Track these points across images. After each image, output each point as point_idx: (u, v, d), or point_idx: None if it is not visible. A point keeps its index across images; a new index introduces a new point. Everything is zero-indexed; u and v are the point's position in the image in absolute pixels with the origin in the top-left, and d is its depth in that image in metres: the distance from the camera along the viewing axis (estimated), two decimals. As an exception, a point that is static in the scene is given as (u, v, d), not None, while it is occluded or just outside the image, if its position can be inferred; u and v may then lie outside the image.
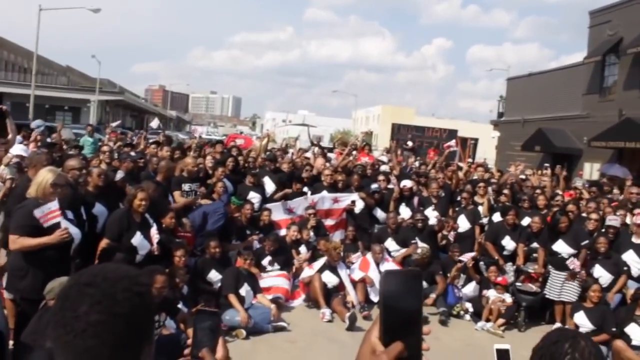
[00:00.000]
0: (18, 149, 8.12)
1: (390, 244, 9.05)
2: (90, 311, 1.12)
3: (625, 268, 7.67)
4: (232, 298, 6.82)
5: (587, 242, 7.89)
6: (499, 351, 1.51)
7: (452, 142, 14.93)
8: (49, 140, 9.87)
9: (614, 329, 6.82)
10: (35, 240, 4.56)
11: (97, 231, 6.25)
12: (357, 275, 8.29)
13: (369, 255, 8.57)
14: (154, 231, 6.26)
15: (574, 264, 7.74)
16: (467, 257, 8.53)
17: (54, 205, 4.58)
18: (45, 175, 4.76)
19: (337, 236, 9.38)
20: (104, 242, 6.07)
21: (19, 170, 7.30)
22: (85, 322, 1.12)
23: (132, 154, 9.63)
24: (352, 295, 7.88)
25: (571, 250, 7.90)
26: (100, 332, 1.12)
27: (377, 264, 8.42)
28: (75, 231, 4.87)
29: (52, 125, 19.14)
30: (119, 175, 7.74)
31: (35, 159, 5.97)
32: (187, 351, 1.50)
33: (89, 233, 5.64)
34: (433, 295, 8.13)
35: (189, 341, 1.51)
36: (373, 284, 8.08)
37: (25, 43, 44.41)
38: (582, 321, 7.20)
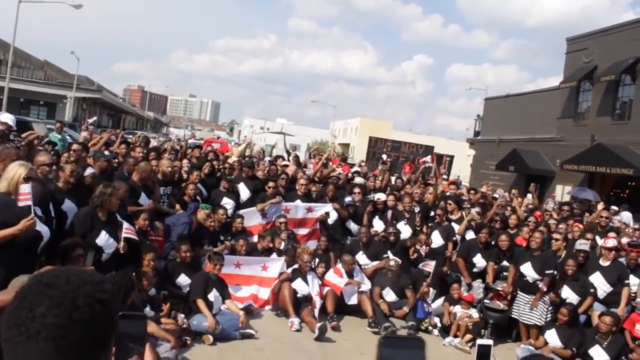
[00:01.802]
0: (5, 117, 8.04)
1: (361, 257, 9.05)
2: (48, 313, 1.07)
3: (592, 290, 7.78)
4: (200, 303, 6.73)
5: (551, 271, 7.97)
6: (480, 346, 1.48)
7: (428, 158, 15.07)
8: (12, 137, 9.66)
9: (574, 349, 6.95)
10: (1, 233, 4.41)
11: (66, 228, 6.11)
12: (332, 278, 8.29)
13: (339, 265, 8.56)
14: (128, 226, 6.14)
15: (542, 284, 7.83)
16: (430, 265, 8.59)
17: (27, 188, 4.46)
18: (17, 170, 4.63)
19: (309, 246, 9.35)
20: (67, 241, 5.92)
21: (2, 138, 7.16)
22: (41, 323, 1.06)
23: (107, 153, 9.44)
24: (316, 309, 7.78)
25: (536, 276, 7.94)
26: (55, 336, 1.06)
27: (350, 274, 8.43)
28: (44, 229, 4.75)
29: (25, 120, 18.79)
30: (88, 171, 7.60)
31: (4, 153, 5.80)
32: None
33: (57, 230, 5.51)
34: (405, 309, 8.16)
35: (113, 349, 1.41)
36: (353, 287, 8.24)
37: (2, 34, 43.50)
38: (552, 338, 7.30)
